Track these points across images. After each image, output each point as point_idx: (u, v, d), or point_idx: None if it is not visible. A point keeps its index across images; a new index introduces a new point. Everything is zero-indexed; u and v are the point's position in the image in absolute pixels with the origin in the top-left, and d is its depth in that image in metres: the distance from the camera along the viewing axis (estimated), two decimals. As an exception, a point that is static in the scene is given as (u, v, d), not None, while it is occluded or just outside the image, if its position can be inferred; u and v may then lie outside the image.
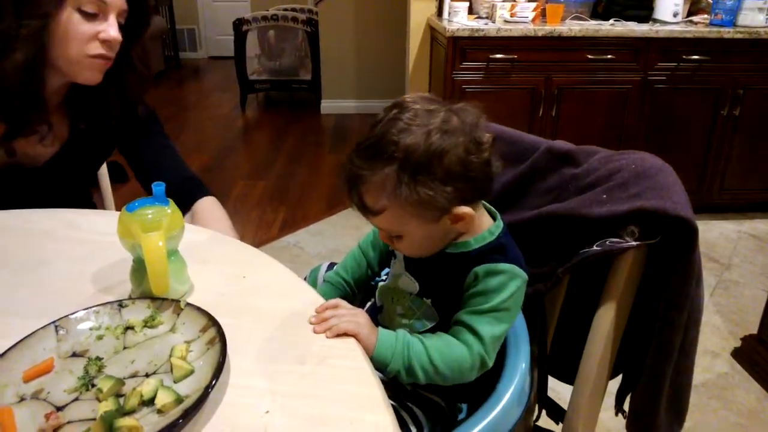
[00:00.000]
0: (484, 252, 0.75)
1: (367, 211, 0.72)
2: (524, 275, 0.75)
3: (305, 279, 0.99)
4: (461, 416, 0.89)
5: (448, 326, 0.77)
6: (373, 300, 0.94)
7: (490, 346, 0.73)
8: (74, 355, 0.64)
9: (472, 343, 0.72)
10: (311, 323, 0.70)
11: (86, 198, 1.26)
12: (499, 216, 0.80)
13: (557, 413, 0.94)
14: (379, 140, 0.68)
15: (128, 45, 1.02)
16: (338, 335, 0.68)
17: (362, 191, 0.71)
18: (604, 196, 0.80)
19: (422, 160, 0.67)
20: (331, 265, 1.03)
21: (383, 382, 0.65)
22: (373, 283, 1.00)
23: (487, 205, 0.81)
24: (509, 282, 0.73)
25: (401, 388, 0.80)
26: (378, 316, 0.87)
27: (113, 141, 1.18)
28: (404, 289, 0.82)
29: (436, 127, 0.68)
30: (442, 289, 0.78)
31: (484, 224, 0.77)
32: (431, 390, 0.82)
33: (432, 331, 0.79)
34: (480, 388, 0.79)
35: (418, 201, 0.68)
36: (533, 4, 2.59)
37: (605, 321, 0.81)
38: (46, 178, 1.09)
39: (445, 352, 0.72)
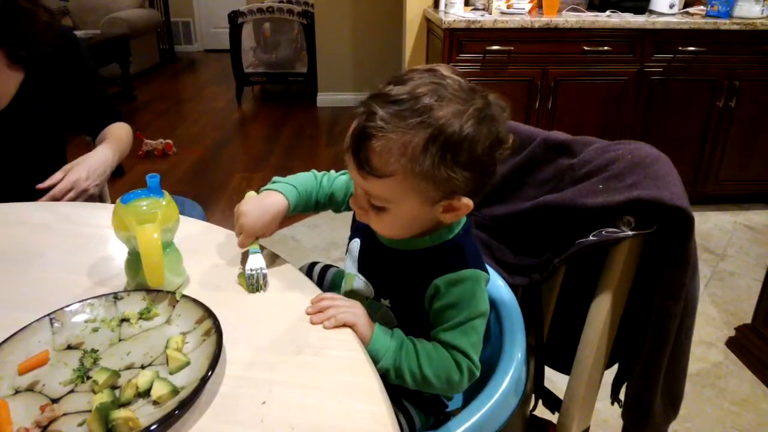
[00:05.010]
0: (440, 253, 0.72)
1: (368, 172, 0.63)
2: (485, 275, 0.73)
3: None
4: (454, 405, 0.89)
5: (406, 331, 0.74)
6: None
7: (475, 356, 0.72)
8: (69, 347, 0.64)
9: (460, 360, 0.71)
10: (308, 314, 0.70)
11: None
12: None
13: (554, 403, 0.94)
14: (414, 100, 0.61)
15: None
16: (336, 326, 0.68)
17: (373, 148, 0.62)
18: (600, 186, 0.80)
19: (455, 139, 0.61)
20: (312, 265, 1.03)
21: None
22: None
23: None
24: (474, 288, 0.71)
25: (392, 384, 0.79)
26: None
27: (66, 89, 1.22)
28: (359, 293, 0.79)
29: (477, 109, 0.63)
30: (399, 289, 0.76)
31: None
32: None
33: None
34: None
35: (434, 177, 0.63)
36: (529, -4, 2.57)
37: (601, 311, 0.81)
38: (12, 125, 1.12)
39: (435, 360, 0.70)
